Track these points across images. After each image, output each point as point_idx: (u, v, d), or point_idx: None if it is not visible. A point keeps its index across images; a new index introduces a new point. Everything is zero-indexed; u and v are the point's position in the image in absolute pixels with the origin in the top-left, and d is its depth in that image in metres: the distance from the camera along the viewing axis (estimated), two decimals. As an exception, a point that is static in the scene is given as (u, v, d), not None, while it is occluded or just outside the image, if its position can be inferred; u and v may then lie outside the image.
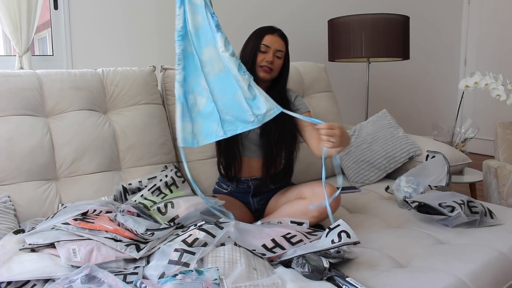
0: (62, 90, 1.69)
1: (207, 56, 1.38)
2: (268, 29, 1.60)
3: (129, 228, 1.25)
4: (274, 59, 1.57)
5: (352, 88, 3.56)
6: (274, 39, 1.58)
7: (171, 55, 2.82)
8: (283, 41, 1.60)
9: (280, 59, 1.60)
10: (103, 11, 2.48)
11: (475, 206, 1.52)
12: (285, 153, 1.64)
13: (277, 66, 1.59)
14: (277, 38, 1.58)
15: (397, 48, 2.74)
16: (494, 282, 1.23)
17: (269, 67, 1.56)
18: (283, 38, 1.60)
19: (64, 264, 1.13)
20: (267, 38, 1.57)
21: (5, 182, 1.52)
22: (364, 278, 1.14)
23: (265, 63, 1.56)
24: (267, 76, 1.58)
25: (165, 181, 1.63)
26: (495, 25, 4.22)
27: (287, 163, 1.66)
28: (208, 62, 1.38)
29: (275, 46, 1.57)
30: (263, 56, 1.57)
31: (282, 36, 1.61)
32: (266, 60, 1.56)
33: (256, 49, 1.57)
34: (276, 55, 1.58)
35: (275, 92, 1.59)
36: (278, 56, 1.59)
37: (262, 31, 1.60)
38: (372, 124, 2.25)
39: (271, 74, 1.58)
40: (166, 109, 1.94)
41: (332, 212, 1.45)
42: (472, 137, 2.59)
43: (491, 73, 2.53)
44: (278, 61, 1.59)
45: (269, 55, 1.56)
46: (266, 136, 1.59)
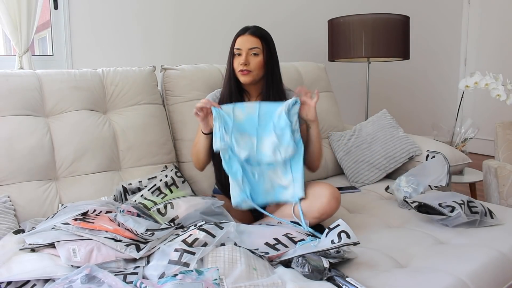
0: (62, 90, 1.69)
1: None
2: (240, 31, 1.57)
3: (129, 228, 1.25)
4: (248, 58, 1.52)
5: (352, 88, 3.56)
6: (244, 40, 1.54)
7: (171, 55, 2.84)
8: (256, 38, 1.54)
9: (257, 55, 1.53)
10: (103, 11, 2.48)
11: (475, 206, 1.52)
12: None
13: (255, 65, 1.53)
14: (247, 37, 1.54)
15: (397, 48, 2.74)
16: (494, 282, 1.23)
17: (245, 69, 1.52)
18: (255, 35, 1.54)
19: (64, 264, 1.13)
20: (238, 41, 1.55)
21: (5, 182, 1.52)
22: (364, 278, 1.14)
23: (240, 66, 1.53)
24: (248, 78, 1.54)
25: (165, 181, 1.63)
26: (495, 25, 4.22)
27: None
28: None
29: (247, 45, 1.53)
30: (238, 59, 1.54)
31: (255, 33, 1.54)
32: (240, 63, 1.52)
33: (231, 56, 1.56)
34: (251, 53, 1.53)
35: (271, 93, 1.57)
36: (254, 53, 1.53)
37: (235, 35, 1.57)
38: (372, 124, 2.25)
39: (251, 75, 1.54)
40: (166, 109, 1.94)
41: (333, 212, 1.45)
42: (472, 137, 2.59)
43: (491, 73, 2.52)
44: (255, 59, 1.53)
45: (242, 57, 1.52)
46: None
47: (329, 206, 1.43)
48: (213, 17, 2.86)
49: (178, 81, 1.94)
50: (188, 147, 1.90)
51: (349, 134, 2.25)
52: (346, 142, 2.21)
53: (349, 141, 2.21)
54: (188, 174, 1.86)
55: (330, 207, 1.44)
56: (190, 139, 1.89)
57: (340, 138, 2.24)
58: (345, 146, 2.19)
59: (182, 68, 1.99)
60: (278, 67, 1.60)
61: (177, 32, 2.73)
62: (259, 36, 1.55)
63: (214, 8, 2.87)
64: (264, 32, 1.58)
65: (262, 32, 1.57)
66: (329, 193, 1.44)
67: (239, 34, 1.56)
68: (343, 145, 2.20)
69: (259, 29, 1.57)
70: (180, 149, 1.91)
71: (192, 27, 2.79)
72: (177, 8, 2.71)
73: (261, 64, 1.54)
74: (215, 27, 2.86)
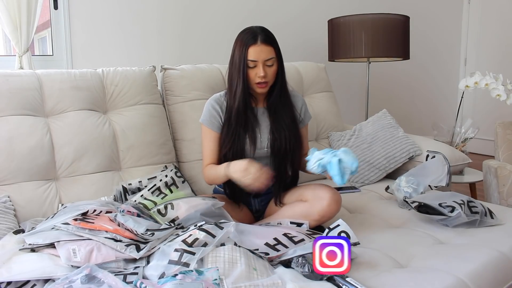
0: (62, 90, 1.69)
1: None
2: (250, 39, 1.44)
3: (129, 228, 1.25)
4: (265, 70, 1.45)
5: (352, 88, 3.56)
6: (258, 50, 1.43)
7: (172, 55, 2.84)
8: (269, 47, 1.45)
9: (272, 66, 1.47)
10: (103, 11, 2.48)
11: (475, 206, 1.52)
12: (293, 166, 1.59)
13: (271, 75, 1.48)
14: (261, 47, 1.43)
15: (397, 48, 2.74)
16: (494, 282, 1.23)
17: (264, 82, 1.47)
18: (268, 42, 1.45)
19: (64, 264, 1.13)
20: (251, 51, 1.43)
21: (5, 182, 1.52)
22: (364, 278, 1.13)
23: (258, 79, 1.45)
24: (265, 89, 1.50)
25: (165, 181, 1.63)
26: (495, 25, 4.22)
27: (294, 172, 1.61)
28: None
29: (262, 57, 1.44)
30: (253, 71, 1.45)
31: (267, 40, 1.45)
32: (259, 76, 1.45)
33: (244, 67, 1.45)
34: (266, 64, 1.46)
35: (280, 98, 1.54)
36: (269, 64, 1.46)
37: (244, 43, 1.45)
38: (372, 124, 2.25)
39: (268, 85, 1.49)
40: (166, 109, 1.94)
41: (333, 215, 1.45)
42: (472, 137, 2.59)
43: (491, 73, 2.52)
44: (270, 69, 1.47)
45: (259, 69, 1.44)
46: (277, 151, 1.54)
47: (329, 209, 1.43)
48: (213, 17, 2.86)
49: (178, 81, 1.94)
50: (188, 147, 1.90)
51: (349, 134, 2.25)
52: (346, 142, 2.21)
53: (349, 141, 2.21)
54: (188, 174, 1.86)
55: (330, 210, 1.43)
56: (190, 139, 1.90)
57: (340, 138, 2.24)
58: (345, 146, 2.18)
59: (182, 68, 1.99)
60: (283, 74, 1.55)
61: (177, 32, 2.73)
62: (271, 44, 1.46)
63: (215, 8, 2.87)
64: (273, 36, 1.49)
65: (272, 38, 1.48)
66: (330, 196, 1.44)
67: (250, 43, 1.44)
68: (343, 145, 2.20)
69: (268, 34, 1.48)
70: (180, 149, 1.91)
71: (192, 27, 2.79)
72: (177, 8, 2.71)
73: (275, 72, 1.50)
74: (215, 27, 2.86)
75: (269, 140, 1.55)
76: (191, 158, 1.87)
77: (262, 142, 1.55)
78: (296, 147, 1.55)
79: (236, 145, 1.50)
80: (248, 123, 1.53)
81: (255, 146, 1.52)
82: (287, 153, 1.53)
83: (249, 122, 1.53)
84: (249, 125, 1.53)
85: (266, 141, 1.55)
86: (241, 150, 1.51)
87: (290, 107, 1.57)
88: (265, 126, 1.56)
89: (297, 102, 1.62)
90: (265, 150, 1.55)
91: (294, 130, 1.56)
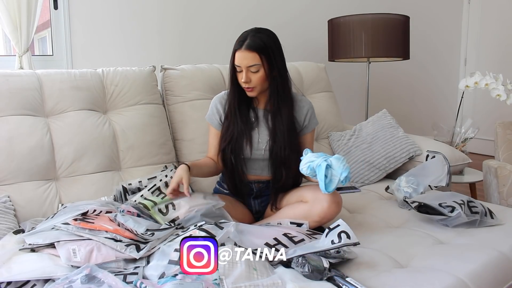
0: (62, 90, 1.69)
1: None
2: (237, 43, 1.46)
3: (129, 228, 1.25)
4: (249, 75, 1.45)
5: (352, 88, 3.56)
6: (241, 56, 1.44)
7: (172, 55, 2.84)
8: (252, 53, 1.43)
9: (257, 72, 1.45)
10: (103, 11, 2.48)
11: (475, 206, 1.52)
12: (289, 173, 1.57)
13: (257, 81, 1.46)
14: (244, 53, 1.43)
15: (397, 48, 2.74)
16: (494, 282, 1.23)
17: (248, 87, 1.48)
18: (252, 49, 1.43)
19: (64, 264, 1.13)
20: (236, 56, 1.45)
21: (5, 182, 1.52)
22: (364, 278, 1.13)
23: (243, 84, 1.48)
24: (254, 93, 1.50)
25: (165, 181, 1.62)
26: (495, 25, 4.22)
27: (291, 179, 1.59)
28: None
29: (244, 63, 1.44)
30: (240, 75, 1.48)
31: (252, 47, 1.43)
32: (242, 81, 1.47)
33: (232, 71, 1.50)
34: (250, 70, 1.45)
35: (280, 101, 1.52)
36: (253, 71, 1.45)
37: (234, 47, 1.47)
38: (372, 124, 2.25)
39: (255, 90, 1.49)
40: (166, 109, 1.94)
41: (333, 216, 1.45)
42: (472, 137, 2.59)
43: (491, 73, 2.52)
44: (255, 75, 1.46)
45: (241, 74, 1.46)
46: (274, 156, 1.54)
47: (329, 210, 1.43)
48: (213, 17, 2.86)
49: (178, 81, 1.94)
50: (188, 147, 1.90)
51: (349, 134, 2.25)
52: (346, 142, 2.21)
53: (349, 141, 2.21)
54: (188, 174, 1.86)
55: (330, 211, 1.43)
56: (190, 139, 1.90)
57: (340, 138, 2.24)
58: (345, 146, 2.19)
59: (182, 68, 1.99)
60: (285, 72, 1.52)
61: (177, 32, 2.73)
62: (255, 50, 1.43)
63: (214, 8, 2.87)
64: (263, 41, 1.45)
65: (259, 43, 1.44)
66: (330, 197, 1.43)
67: (237, 48, 1.46)
68: (343, 145, 2.20)
69: (256, 39, 1.44)
70: (180, 149, 1.91)
71: (192, 27, 2.79)
72: (177, 8, 2.71)
73: (263, 79, 1.47)
74: (215, 27, 2.86)
75: (268, 143, 1.55)
76: (191, 158, 1.87)
77: (260, 143, 1.56)
78: (290, 156, 1.52)
79: (233, 141, 1.55)
80: (247, 122, 1.56)
81: (252, 146, 1.55)
82: (283, 160, 1.54)
83: (248, 121, 1.56)
84: (248, 124, 1.56)
85: (265, 143, 1.56)
86: (239, 147, 1.55)
87: (288, 115, 1.54)
88: (265, 128, 1.57)
89: (302, 107, 1.59)
90: (262, 152, 1.56)
91: (290, 138, 1.54)
